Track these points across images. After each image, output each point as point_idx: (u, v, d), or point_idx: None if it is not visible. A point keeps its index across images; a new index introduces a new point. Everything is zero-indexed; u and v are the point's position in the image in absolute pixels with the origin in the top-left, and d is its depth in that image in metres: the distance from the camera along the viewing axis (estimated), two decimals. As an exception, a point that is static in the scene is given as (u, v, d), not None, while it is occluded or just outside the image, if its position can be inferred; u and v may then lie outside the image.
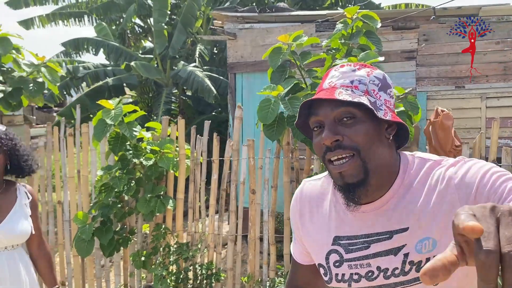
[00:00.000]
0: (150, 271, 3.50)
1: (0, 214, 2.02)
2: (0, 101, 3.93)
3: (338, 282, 1.05)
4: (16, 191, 2.12)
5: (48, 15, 10.93)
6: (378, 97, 0.98)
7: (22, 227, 2.05)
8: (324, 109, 0.96)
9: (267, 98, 3.00)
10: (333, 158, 0.95)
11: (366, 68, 1.02)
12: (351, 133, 0.94)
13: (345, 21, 3.33)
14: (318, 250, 1.09)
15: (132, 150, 3.30)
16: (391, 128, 1.00)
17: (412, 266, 0.96)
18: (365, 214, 1.01)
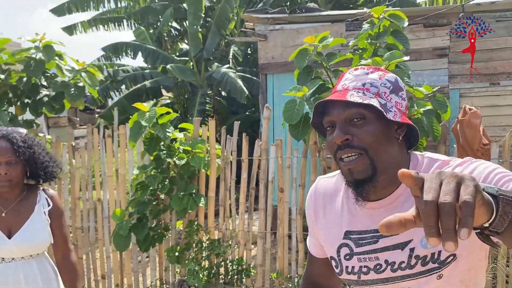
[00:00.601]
0: (183, 266, 3.65)
1: (17, 223, 1.91)
2: (44, 104, 4.19)
3: (348, 274, 1.11)
4: (37, 197, 2.00)
5: (89, 21, 11.40)
6: (388, 99, 1.04)
7: (38, 236, 1.92)
8: (337, 110, 1.03)
9: (293, 99, 3.08)
10: (343, 156, 1.02)
11: (379, 72, 1.07)
12: (360, 133, 1.01)
13: (372, 21, 3.35)
14: (330, 244, 1.16)
15: (165, 150, 3.46)
16: (401, 129, 1.05)
17: (418, 260, 1.01)
18: (374, 211, 1.07)
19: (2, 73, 4.11)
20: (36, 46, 4.06)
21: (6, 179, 1.85)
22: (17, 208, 1.93)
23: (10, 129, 1.93)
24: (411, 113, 3.09)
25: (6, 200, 1.93)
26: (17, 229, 1.90)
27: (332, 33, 4.92)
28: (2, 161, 1.84)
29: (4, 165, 1.84)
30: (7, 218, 1.90)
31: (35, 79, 4.08)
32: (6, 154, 1.83)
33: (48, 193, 2.04)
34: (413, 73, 4.35)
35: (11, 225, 1.90)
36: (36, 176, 1.98)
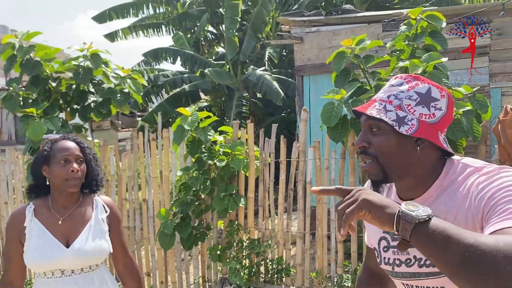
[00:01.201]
0: (225, 264, 3.77)
1: (74, 232, 1.81)
2: (92, 110, 4.42)
3: (385, 265, 1.24)
4: (93, 204, 1.90)
5: (130, 27, 11.82)
6: (411, 112, 1.10)
7: (98, 245, 1.82)
8: (362, 118, 1.17)
9: (331, 101, 3.13)
10: (362, 159, 1.17)
11: (413, 82, 1.13)
12: (375, 142, 1.12)
13: (409, 22, 3.37)
14: (374, 236, 1.30)
15: (207, 153, 3.59)
16: (421, 140, 1.10)
17: None
18: None
19: (53, 81, 4.36)
20: (84, 55, 4.28)
21: (77, 176, 1.79)
22: (74, 216, 1.84)
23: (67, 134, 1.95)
24: (450, 113, 3.07)
25: (63, 207, 1.84)
26: (74, 238, 1.79)
27: (369, 34, 4.93)
28: (72, 158, 1.80)
29: (74, 162, 1.80)
30: (64, 226, 1.81)
31: (84, 86, 4.31)
32: (75, 153, 1.81)
33: (104, 199, 1.96)
34: (452, 72, 4.31)
35: (68, 234, 1.81)
36: (87, 184, 1.89)
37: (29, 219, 1.79)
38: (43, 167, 1.81)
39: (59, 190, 1.81)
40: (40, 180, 1.84)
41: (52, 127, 3.78)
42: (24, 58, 4.02)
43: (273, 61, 10.43)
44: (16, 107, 3.93)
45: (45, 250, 1.75)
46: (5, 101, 3.92)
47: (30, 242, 1.77)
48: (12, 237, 1.81)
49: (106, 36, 11.94)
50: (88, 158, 1.87)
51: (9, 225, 1.82)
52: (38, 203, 1.85)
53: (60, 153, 1.79)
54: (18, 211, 1.83)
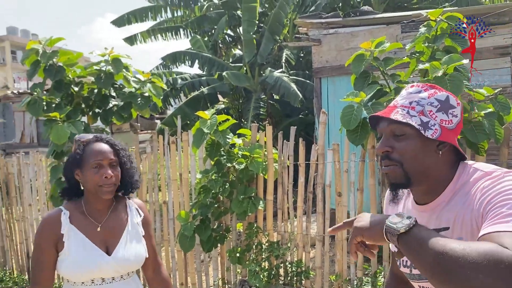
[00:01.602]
0: (244, 267, 3.79)
1: (113, 238, 1.74)
2: (114, 113, 4.49)
3: (404, 267, 1.27)
4: (127, 208, 1.84)
5: (148, 31, 11.97)
6: (433, 117, 1.14)
7: (137, 251, 1.77)
8: (383, 123, 1.19)
9: (350, 104, 3.13)
10: (384, 163, 1.18)
11: (431, 90, 1.18)
12: (399, 147, 1.14)
13: (429, 24, 3.33)
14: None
15: (225, 155, 3.62)
16: (443, 145, 1.15)
17: None
18: (422, 213, 1.21)
19: (75, 85, 4.45)
20: (105, 59, 4.35)
21: (111, 182, 1.70)
22: (110, 221, 1.77)
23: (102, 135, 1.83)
24: (471, 116, 3.04)
25: (99, 212, 1.76)
26: (114, 244, 1.73)
27: (387, 35, 4.90)
28: (106, 163, 1.70)
29: (108, 167, 1.70)
30: (102, 233, 1.73)
31: (105, 90, 4.38)
32: (109, 156, 1.71)
33: (136, 202, 1.90)
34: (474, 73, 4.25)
35: (107, 241, 1.73)
36: (122, 186, 1.81)
37: (66, 226, 1.69)
38: (75, 171, 1.73)
39: (93, 195, 1.72)
40: (73, 183, 1.76)
41: (74, 131, 3.85)
42: (48, 63, 4.11)
43: (290, 63, 10.44)
44: (40, 112, 4.02)
45: (88, 259, 1.67)
46: (29, 106, 4.01)
47: (70, 251, 1.67)
48: (47, 245, 1.69)
49: (126, 40, 12.12)
50: (122, 160, 1.77)
51: (44, 232, 1.70)
52: (71, 207, 1.75)
53: (92, 158, 1.69)
54: (52, 218, 1.72)
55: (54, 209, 1.76)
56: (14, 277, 5.09)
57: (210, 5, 11.40)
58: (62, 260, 1.69)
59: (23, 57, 4.18)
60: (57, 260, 1.71)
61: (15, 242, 5.24)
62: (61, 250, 1.69)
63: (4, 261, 5.36)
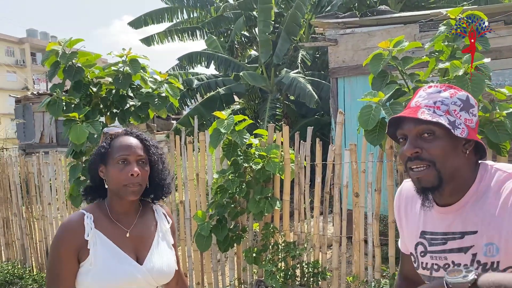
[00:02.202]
0: (260, 267, 3.79)
1: (143, 246, 1.53)
2: (131, 114, 4.53)
3: (423, 270, 1.25)
4: (154, 213, 1.64)
5: (165, 32, 12.06)
6: (458, 117, 1.13)
7: (170, 261, 1.58)
8: (408, 124, 1.15)
9: (368, 104, 3.10)
10: (413, 166, 1.14)
11: (451, 90, 1.17)
12: (429, 148, 1.11)
13: (448, 22, 3.29)
14: (410, 241, 1.31)
15: (242, 156, 3.63)
16: (468, 144, 1.14)
17: (479, 265, 1.10)
18: (444, 215, 1.19)
19: (94, 86, 4.50)
20: (123, 60, 4.39)
21: (137, 181, 1.47)
22: (139, 227, 1.56)
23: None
24: (493, 116, 2.99)
25: (125, 216, 1.55)
26: (144, 253, 1.53)
27: (405, 34, 4.84)
28: (133, 159, 1.48)
29: (135, 164, 1.48)
30: (131, 240, 1.52)
31: (123, 90, 4.43)
32: (137, 152, 1.50)
33: (164, 208, 1.70)
34: (493, 72, 4.17)
35: (137, 248, 1.53)
36: (155, 188, 1.60)
37: (90, 231, 1.46)
38: (100, 167, 1.52)
39: (118, 196, 1.51)
40: (97, 181, 1.55)
41: (93, 131, 3.90)
42: (67, 64, 4.16)
43: (306, 64, 10.41)
44: (59, 112, 4.07)
45: (119, 269, 1.45)
46: (49, 106, 4.07)
47: (96, 260, 1.44)
48: (68, 253, 1.43)
49: (142, 41, 12.23)
50: (153, 159, 1.55)
51: (64, 239, 1.45)
52: (94, 210, 1.53)
53: (118, 152, 1.48)
54: (73, 222, 1.47)
55: (75, 213, 1.51)
56: (33, 274, 5.18)
57: (226, 6, 11.44)
58: (87, 271, 1.44)
59: (43, 58, 4.25)
60: (77, 272, 1.46)
61: (34, 240, 5.33)
62: (84, 259, 1.44)
63: (24, 259, 5.45)
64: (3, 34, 41.20)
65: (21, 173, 5.49)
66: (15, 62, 41.68)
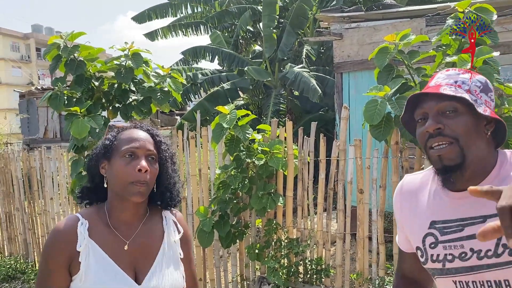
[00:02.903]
0: (263, 263, 3.75)
1: (144, 261, 1.32)
2: (133, 108, 4.49)
3: (433, 263, 1.16)
4: (162, 221, 1.41)
5: (169, 26, 12.01)
6: (479, 97, 1.11)
7: (174, 279, 1.35)
8: (429, 102, 1.11)
9: (374, 99, 3.04)
10: (434, 144, 1.09)
11: (470, 73, 1.14)
12: (452, 124, 1.08)
13: (456, 16, 3.21)
14: (416, 235, 1.23)
15: (245, 151, 3.58)
16: (489, 125, 1.11)
17: (505, 249, 1.03)
18: (460, 200, 1.12)
19: (96, 80, 4.46)
20: (125, 54, 4.35)
21: (145, 179, 1.27)
22: (141, 237, 1.34)
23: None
24: (502, 111, 2.92)
25: (126, 224, 1.33)
26: (145, 269, 1.31)
27: (412, 29, 4.76)
28: (141, 154, 1.30)
29: (144, 158, 1.29)
30: (130, 253, 1.30)
31: (125, 85, 4.38)
32: (147, 146, 1.31)
33: (176, 214, 1.46)
34: (501, 67, 4.09)
35: (136, 263, 1.31)
36: (159, 194, 1.39)
37: (84, 241, 1.26)
38: (101, 163, 1.32)
39: (121, 197, 1.30)
40: (96, 180, 1.35)
41: (95, 125, 3.87)
42: (69, 58, 4.12)
43: (311, 58, 10.33)
44: (61, 106, 4.04)
45: (110, 287, 1.24)
46: (50, 100, 4.04)
47: (87, 275, 1.24)
48: (57, 264, 1.25)
49: (146, 35, 12.19)
50: (163, 156, 1.36)
51: (54, 247, 1.26)
52: (91, 215, 1.32)
53: (125, 144, 1.30)
54: (66, 228, 1.27)
55: (69, 217, 1.31)
56: (35, 269, 5.17)
57: (230, 0, 11.36)
58: (76, 287, 1.25)
59: (45, 51, 4.21)
60: (69, 286, 1.27)
61: (37, 235, 5.31)
62: (75, 273, 1.25)
63: (26, 254, 5.45)
64: (9, 29, 41.34)
65: (23, 168, 5.47)
66: (20, 57, 41.82)
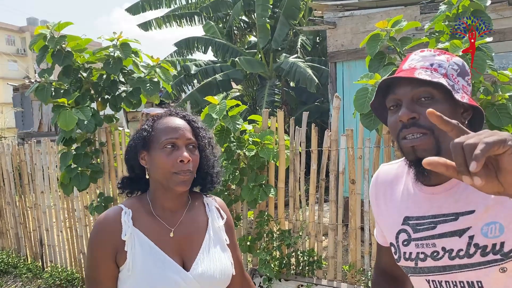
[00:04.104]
0: (255, 255, 3.70)
1: (190, 247, 1.30)
2: (123, 99, 4.42)
3: (406, 261, 1.10)
4: (205, 208, 1.40)
5: (163, 17, 11.88)
6: (456, 82, 1.03)
7: (223, 265, 1.33)
8: (403, 88, 1.01)
9: (364, 87, 2.97)
10: (407, 134, 1.00)
11: (446, 55, 1.06)
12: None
13: (450, 2, 3.14)
14: (390, 230, 1.16)
15: (235, 142, 3.52)
16: (467, 113, 1.03)
17: (477, 249, 0.96)
18: (434, 196, 1.05)
19: (84, 71, 4.38)
20: (114, 44, 4.27)
21: (188, 168, 1.25)
22: (186, 225, 1.33)
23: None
24: (495, 98, 2.86)
25: (170, 212, 1.32)
26: (192, 256, 1.29)
27: (406, 16, 4.69)
28: (181, 143, 1.28)
29: (184, 148, 1.28)
30: (176, 240, 1.29)
31: (114, 75, 4.31)
32: (186, 135, 1.29)
33: (216, 200, 1.46)
34: (496, 55, 4.04)
35: (183, 251, 1.29)
36: (200, 179, 1.38)
37: (128, 230, 1.25)
38: (141, 153, 1.31)
39: (163, 187, 1.29)
40: (137, 170, 1.34)
41: (82, 117, 3.80)
42: (56, 48, 4.04)
43: (306, 49, 10.24)
44: (48, 97, 3.97)
45: (160, 276, 1.22)
46: (37, 92, 3.96)
47: (135, 265, 1.22)
48: (104, 256, 1.24)
49: (140, 26, 12.06)
50: (202, 143, 1.34)
51: (98, 239, 1.25)
52: (135, 205, 1.31)
53: (165, 135, 1.27)
54: (109, 218, 1.27)
55: (112, 208, 1.31)
56: (28, 263, 5.12)
57: (224, -10, 11.23)
58: (124, 278, 1.24)
59: (31, 42, 4.12)
60: (117, 277, 1.26)
61: (28, 229, 5.26)
62: (122, 263, 1.24)
63: (18, 248, 5.39)
64: (4, 23, 40.98)
65: (13, 161, 5.41)
66: (16, 51, 41.52)
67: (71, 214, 4.71)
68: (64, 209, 4.84)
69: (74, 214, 4.64)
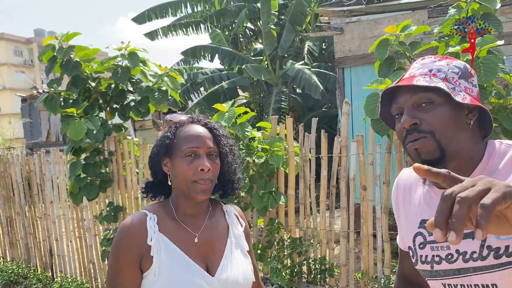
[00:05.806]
0: (266, 264, 3.67)
1: (214, 254, 1.32)
2: (131, 109, 4.42)
3: (422, 264, 1.10)
4: (225, 215, 1.42)
5: (169, 26, 11.96)
6: (457, 84, 1.04)
7: (245, 270, 1.35)
8: (404, 96, 1.05)
9: (375, 92, 2.95)
10: (411, 139, 1.02)
11: (446, 59, 1.08)
12: (428, 117, 1.01)
13: (459, 5, 3.12)
14: (408, 233, 1.17)
15: (245, 149, 3.50)
16: (472, 114, 1.03)
17: (490, 251, 0.96)
18: None
19: (93, 81, 4.40)
20: (122, 54, 4.29)
21: (208, 177, 1.27)
22: (209, 231, 1.34)
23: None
24: (507, 102, 2.82)
25: (193, 218, 1.34)
26: (216, 262, 1.31)
27: (414, 21, 4.66)
28: (202, 152, 1.28)
29: (205, 157, 1.28)
30: (200, 246, 1.30)
31: (122, 85, 4.32)
32: (207, 143, 1.30)
33: (235, 208, 1.48)
34: (506, 58, 3.99)
35: (207, 256, 1.31)
36: (220, 186, 1.39)
37: (154, 235, 1.25)
38: (163, 160, 1.33)
39: (185, 194, 1.30)
40: (159, 176, 1.37)
41: (91, 127, 3.81)
42: (64, 59, 4.06)
43: (313, 55, 10.23)
44: (57, 108, 3.98)
45: (186, 280, 1.22)
46: (46, 102, 3.98)
47: (161, 270, 1.23)
48: (128, 261, 1.23)
49: (146, 35, 12.14)
50: (223, 151, 1.35)
51: (124, 244, 1.24)
52: (158, 210, 1.33)
53: (186, 144, 1.28)
54: (134, 223, 1.27)
55: (136, 213, 1.31)
56: (38, 274, 5.12)
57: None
58: (150, 283, 1.24)
59: (40, 53, 4.15)
60: (140, 284, 1.26)
61: (38, 239, 5.26)
62: (147, 269, 1.24)
63: (28, 258, 5.39)
64: (11, 34, 41.48)
65: (23, 172, 5.43)
66: (23, 62, 41.96)
67: (80, 223, 4.71)
68: (73, 219, 4.84)
69: (84, 223, 4.64)
